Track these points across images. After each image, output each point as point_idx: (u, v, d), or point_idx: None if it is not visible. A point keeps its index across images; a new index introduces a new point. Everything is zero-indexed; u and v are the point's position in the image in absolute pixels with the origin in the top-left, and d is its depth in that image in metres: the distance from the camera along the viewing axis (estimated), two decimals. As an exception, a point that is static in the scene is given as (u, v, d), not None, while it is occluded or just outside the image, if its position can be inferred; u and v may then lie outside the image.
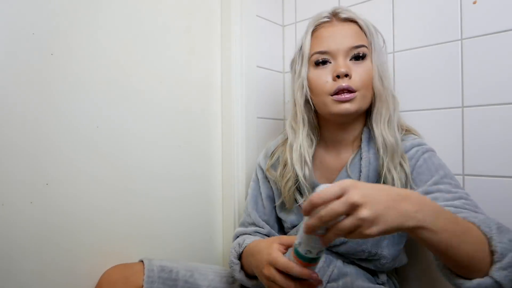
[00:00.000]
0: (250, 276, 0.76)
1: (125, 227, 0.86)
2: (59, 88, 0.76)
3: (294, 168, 0.80)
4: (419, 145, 0.76)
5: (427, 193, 0.70)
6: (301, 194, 0.82)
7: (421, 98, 0.92)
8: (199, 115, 1.04)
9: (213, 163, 1.07)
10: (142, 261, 0.81)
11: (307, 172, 0.79)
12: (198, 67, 1.03)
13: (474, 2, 0.85)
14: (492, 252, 0.53)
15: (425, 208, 0.50)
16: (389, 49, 0.98)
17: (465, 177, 0.86)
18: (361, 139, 0.80)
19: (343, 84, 0.73)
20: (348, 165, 0.78)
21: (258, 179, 0.91)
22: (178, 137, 0.98)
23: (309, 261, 0.54)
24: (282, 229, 0.90)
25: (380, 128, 0.76)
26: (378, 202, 0.47)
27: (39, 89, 0.73)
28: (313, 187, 0.80)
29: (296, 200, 0.82)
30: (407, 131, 0.82)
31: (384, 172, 0.73)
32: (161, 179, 0.93)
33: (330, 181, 0.81)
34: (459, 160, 0.87)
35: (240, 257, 0.78)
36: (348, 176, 0.77)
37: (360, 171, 0.77)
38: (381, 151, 0.75)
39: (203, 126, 1.05)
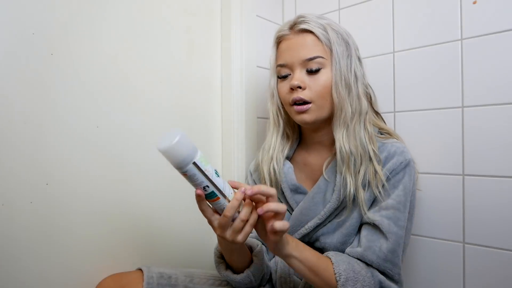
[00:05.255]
0: (236, 272, 0.77)
1: (125, 227, 0.86)
2: (59, 88, 0.76)
3: (262, 169, 0.85)
4: (401, 153, 0.76)
5: (368, 217, 0.74)
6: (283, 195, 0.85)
7: (421, 98, 0.92)
8: (199, 115, 1.03)
9: (213, 163, 1.06)
10: (140, 269, 0.80)
11: (273, 172, 0.83)
12: (198, 67, 1.03)
13: (474, 2, 0.85)
14: None
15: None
16: (389, 49, 0.98)
17: (465, 177, 0.86)
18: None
19: (296, 96, 0.77)
20: (324, 169, 0.80)
21: (249, 184, 0.93)
22: (178, 137, 0.98)
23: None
24: None
25: (338, 136, 0.76)
26: None
27: (39, 89, 0.73)
28: (294, 189, 0.83)
29: None
30: (387, 133, 0.83)
31: (342, 176, 0.76)
32: (161, 178, 0.93)
33: (315, 181, 0.82)
34: (459, 160, 0.87)
35: (222, 256, 0.79)
36: (326, 181, 0.79)
37: (336, 177, 0.78)
38: (339, 158, 0.76)
39: (203, 126, 1.05)
